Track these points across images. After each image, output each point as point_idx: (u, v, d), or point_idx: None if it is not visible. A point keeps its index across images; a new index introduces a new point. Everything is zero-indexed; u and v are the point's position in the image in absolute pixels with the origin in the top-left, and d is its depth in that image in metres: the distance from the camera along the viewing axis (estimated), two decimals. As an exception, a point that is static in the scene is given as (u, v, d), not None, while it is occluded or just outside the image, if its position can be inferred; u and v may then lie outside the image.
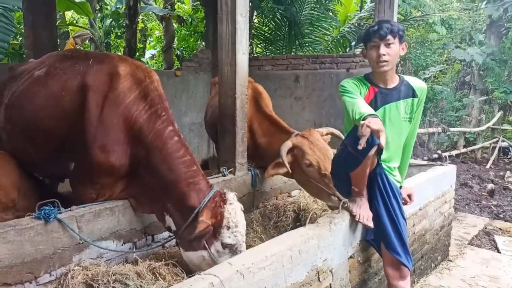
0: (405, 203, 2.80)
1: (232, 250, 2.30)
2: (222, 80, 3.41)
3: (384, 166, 2.48)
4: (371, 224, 2.34)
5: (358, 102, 2.28)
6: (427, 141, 8.46)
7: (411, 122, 2.52)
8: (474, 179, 7.75)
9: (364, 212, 2.35)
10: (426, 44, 11.26)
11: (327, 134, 3.20)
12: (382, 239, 2.40)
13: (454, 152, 9.01)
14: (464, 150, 9.72)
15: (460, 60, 12.63)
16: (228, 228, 2.28)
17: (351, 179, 2.38)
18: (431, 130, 8.38)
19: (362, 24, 9.86)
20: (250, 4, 9.41)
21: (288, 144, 3.02)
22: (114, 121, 2.48)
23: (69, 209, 2.38)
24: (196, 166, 2.51)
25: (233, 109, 3.35)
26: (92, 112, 2.46)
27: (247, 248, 3.05)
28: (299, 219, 3.54)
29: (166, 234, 2.85)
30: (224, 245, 2.28)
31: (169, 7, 8.83)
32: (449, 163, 3.94)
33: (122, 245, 2.61)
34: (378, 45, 2.37)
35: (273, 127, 3.58)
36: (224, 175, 3.33)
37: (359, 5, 11.04)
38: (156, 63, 15.75)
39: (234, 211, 2.34)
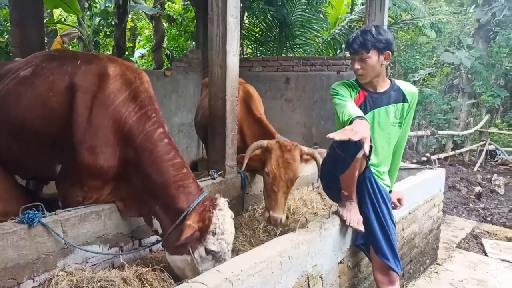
0: (395, 207, 2.80)
1: (216, 257, 2.25)
2: (212, 81, 3.37)
3: (373, 170, 2.47)
4: (361, 228, 2.33)
5: (347, 104, 2.27)
6: (416, 144, 8.51)
7: (401, 127, 2.52)
8: (462, 182, 7.83)
9: (354, 216, 2.34)
10: (416, 47, 11.34)
11: (307, 154, 3.04)
12: (371, 243, 2.39)
13: (442, 155, 9.09)
14: (452, 153, 9.81)
15: (448, 63, 12.76)
16: (214, 234, 2.24)
17: (341, 182, 2.37)
18: (420, 133, 8.43)
19: (352, 26, 9.89)
20: (241, 5, 9.43)
21: (262, 143, 3.00)
22: (103, 122, 2.43)
23: (53, 213, 2.32)
24: (186, 169, 2.48)
25: (223, 111, 3.32)
26: (80, 113, 2.41)
27: (236, 253, 3.04)
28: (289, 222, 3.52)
29: (153, 238, 2.81)
30: (208, 251, 2.24)
31: (159, 6, 8.75)
32: (438, 166, 3.96)
33: (108, 249, 2.55)
34: (353, 58, 2.39)
35: (261, 130, 3.56)
36: (213, 178, 3.29)
37: (350, 7, 11.09)
38: (145, 62, 15.64)
39: (223, 218, 2.29)
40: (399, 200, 2.80)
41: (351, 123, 2.11)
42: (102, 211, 2.50)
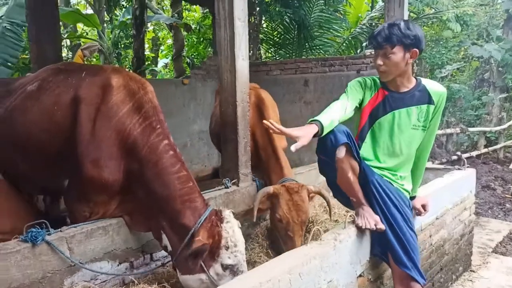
0: (420, 213, 2.61)
1: (233, 271, 2.15)
2: (223, 87, 3.27)
3: (387, 174, 2.29)
4: (381, 226, 2.15)
5: (331, 105, 2.18)
6: (446, 142, 8.13)
7: (424, 130, 2.31)
8: (496, 180, 7.41)
9: (369, 218, 2.17)
10: (441, 42, 10.92)
11: (315, 193, 2.98)
12: (389, 251, 2.21)
13: (474, 153, 8.65)
14: (485, 150, 9.33)
15: (477, 57, 12.23)
16: (227, 248, 2.15)
17: (342, 188, 2.22)
18: (448, 131, 8.05)
19: (373, 24, 9.63)
20: (258, 9, 9.35)
21: (268, 190, 2.90)
22: (107, 134, 2.38)
23: (59, 230, 2.26)
24: (192, 183, 2.39)
25: (234, 117, 3.21)
26: (84, 126, 2.37)
27: (252, 265, 2.91)
28: (308, 231, 3.36)
29: (165, 252, 2.72)
30: (225, 267, 2.14)
31: (176, 15, 8.77)
32: (468, 166, 3.70)
33: (117, 265, 2.48)
34: (377, 53, 2.22)
35: (268, 144, 3.42)
36: (226, 187, 3.18)
37: (370, 5, 10.81)
38: (169, 71, 15.81)
39: (232, 229, 2.20)
40: (423, 206, 2.60)
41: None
42: (109, 226, 2.43)
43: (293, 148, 1.85)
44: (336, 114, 2.11)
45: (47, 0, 5.34)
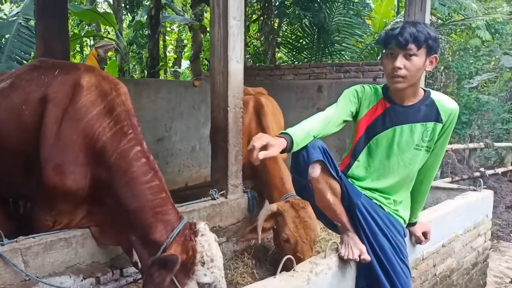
0: (420, 242, 2.30)
1: None
2: (214, 91, 3.05)
3: (379, 197, 2.00)
4: (367, 256, 1.86)
5: (311, 118, 1.92)
6: (468, 158, 7.64)
7: (428, 152, 2.00)
8: (523, 200, 6.89)
9: (354, 248, 1.88)
10: (470, 51, 10.37)
11: None
12: (375, 285, 1.91)
13: (500, 170, 8.10)
14: (512, 167, 8.75)
15: (509, 68, 11.58)
16: (203, 263, 1.92)
17: (323, 211, 1.95)
18: (471, 145, 7.56)
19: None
20: (276, 12, 9.12)
21: (272, 208, 2.65)
22: (72, 138, 2.19)
23: (14, 240, 2.08)
24: (165, 193, 2.17)
25: (225, 123, 2.98)
26: (48, 127, 2.19)
27: (234, 286, 2.66)
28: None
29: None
30: (201, 285, 1.92)
31: (193, 16, 8.65)
32: (485, 187, 3.33)
33: (81, 280, 2.29)
34: (395, 54, 1.84)
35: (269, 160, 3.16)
36: (213, 199, 2.95)
37: (396, 10, 10.41)
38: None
39: (208, 243, 1.97)
40: (424, 234, 2.29)
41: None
42: (72, 237, 2.24)
43: (261, 155, 1.59)
44: (314, 127, 1.84)
45: (56, -3, 5.27)
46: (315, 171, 1.71)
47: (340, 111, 1.97)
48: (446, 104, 1.97)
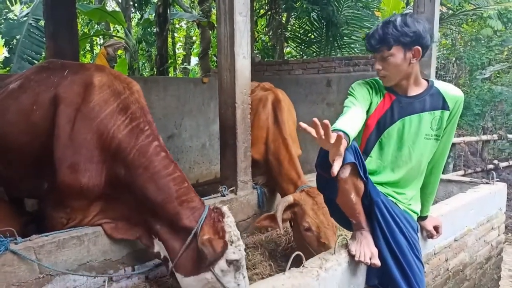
0: (431, 236, 2.28)
1: (237, 266, 2.03)
2: (222, 87, 3.05)
3: (390, 192, 1.98)
4: (377, 261, 1.84)
5: (347, 112, 1.87)
6: (481, 150, 7.52)
7: (438, 140, 1.99)
8: (539, 193, 6.76)
9: (365, 248, 1.86)
10: (482, 41, 10.18)
11: None
12: (389, 284, 1.89)
13: (514, 162, 7.97)
14: (528, 159, 8.59)
15: (523, 57, 11.36)
16: (231, 242, 2.04)
17: (341, 208, 1.92)
18: (484, 137, 7.44)
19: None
20: (284, 6, 9.06)
21: (288, 199, 2.65)
22: (87, 137, 2.23)
23: (27, 238, 2.12)
24: (187, 183, 2.26)
25: (233, 120, 2.98)
26: (62, 127, 2.23)
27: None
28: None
29: (150, 263, 2.54)
30: (229, 262, 2.01)
31: (201, 12, 8.64)
32: (498, 180, 3.28)
33: (94, 278, 2.32)
34: (374, 56, 1.95)
35: (283, 150, 3.14)
36: (223, 195, 2.96)
37: (405, 1, 10.27)
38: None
39: (233, 223, 2.12)
40: (436, 228, 2.27)
41: None
42: (85, 235, 2.27)
43: (335, 170, 1.55)
44: (357, 125, 1.82)
45: (64, -3, 5.31)
46: (345, 172, 1.67)
47: (363, 107, 1.95)
48: (452, 92, 1.98)
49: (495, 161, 6.89)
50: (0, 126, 2.43)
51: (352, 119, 1.81)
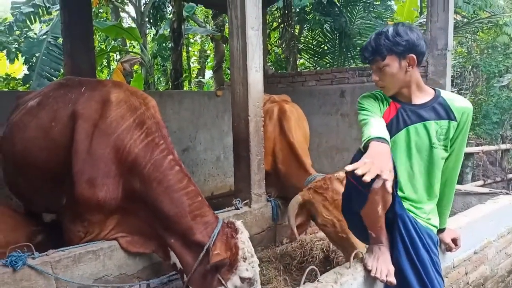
0: (450, 249, 2.23)
1: (250, 283, 2.04)
2: (235, 101, 3.08)
3: (410, 207, 1.94)
4: (392, 279, 1.80)
5: (370, 121, 1.85)
6: (500, 160, 7.36)
7: (446, 151, 1.96)
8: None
9: (382, 265, 1.83)
10: (499, 49, 10.04)
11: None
12: (408, 301, 1.85)
13: (537, 171, 7.77)
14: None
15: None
16: (245, 259, 2.03)
17: (363, 219, 1.89)
18: (503, 146, 7.28)
19: (422, 31, 9.05)
20: (297, 18, 9.13)
21: (297, 200, 2.62)
22: (104, 152, 2.27)
23: (45, 253, 2.15)
24: (201, 197, 2.26)
25: (246, 133, 2.99)
26: (80, 143, 2.27)
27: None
28: (329, 260, 3.04)
29: (165, 278, 2.54)
30: (242, 279, 2.02)
31: (214, 26, 8.77)
32: (518, 191, 3.20)
33: (110, 291, 2.33)
34: (371, 67, 1.96)
35: (291, 157, 3.16)
36: (237, 208, 2.96)
37: (419, 10, 10.22)
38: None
39: (247, 240, 2.10)
40: (454, 241, 2.22)
41: (365, 147, 1.66)
42: (100, 250, 2.29)
43: (389, 186, 1.57)
44: (386, 131, 1.83)
45: (82, 14, 5.45)
46: (379, 183, 1.65)
47: (380, 117, 1.95)
48: (458, 103, 1.95)
49: (516, 171, 6.73)
50: (20, 142, 2.49)
51: (380, 125, 1.83)
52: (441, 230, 2.20)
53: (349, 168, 1.57)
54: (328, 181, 2.57)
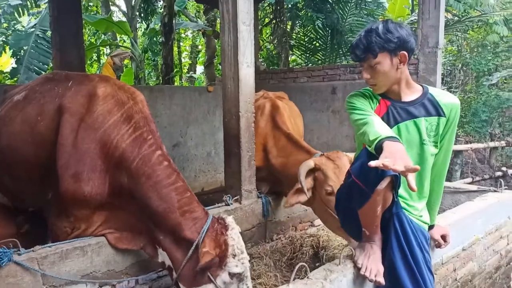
0: (439, 245, 2.24)
1: (240, 278, 2.02)
2: (225, 96, 3.05)
3: (403, 205, 1.94)
4: (381, 279, 1.80)
5: (371, 120, 1.82)
6: (489, 157, 7.45)
7: (436, 147, 1.96)
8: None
9: (372, 264, 1.83)
10: (489, 48, 10.13)
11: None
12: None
13: (524, 169, 7.88)
14: (537, 165, 8.49)
15: (530, 63, 11.26)
16: (234, 256, 2.01)
17: (360, 218, 1.88)
18: (492, 144, 7.37)
19: (413, 28, 9.09)
20: (288, 14, 9.10)
21: (309, 164, 2.56)
22: (90, 146, 2.22)
23: (31, 249, 2.11)
24: (190, 193, 2.23)
25: (237, 129, 2.97)
26: (65, 136, 2.23)
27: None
28: (319, 257, 3.04)
29: (154, 275, 2.52)
30: (232, 275, 2.00)
31: (206, 21, 8.71)
32: (506, 188, 3.23)
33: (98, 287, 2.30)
34: (362, 65, 1.94)
35: (290, 146, 3.14)
36: (227, 204, 2.94)
37: (410, 8, 10.27)
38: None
39: (237, 236, 2.08)
40: (443, 237, 2.23)
41: (377, 146, 1.64)
42: (88, 246, 2.25)
43: (413, 184, 1.51)
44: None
45: (71, 7, 5.38)
46: (384, 184, 1.63)
47: (371, 110, 1.94)
48: (446, 99, 1.96)
49: (504, 168, 6.81)
50: (5, 137, 2.44)
51: (385, 125, 1.81)
52: (430, 227, 2.20)
53: (373, 164, 1.51)
54: (337, 153, 2.59)
